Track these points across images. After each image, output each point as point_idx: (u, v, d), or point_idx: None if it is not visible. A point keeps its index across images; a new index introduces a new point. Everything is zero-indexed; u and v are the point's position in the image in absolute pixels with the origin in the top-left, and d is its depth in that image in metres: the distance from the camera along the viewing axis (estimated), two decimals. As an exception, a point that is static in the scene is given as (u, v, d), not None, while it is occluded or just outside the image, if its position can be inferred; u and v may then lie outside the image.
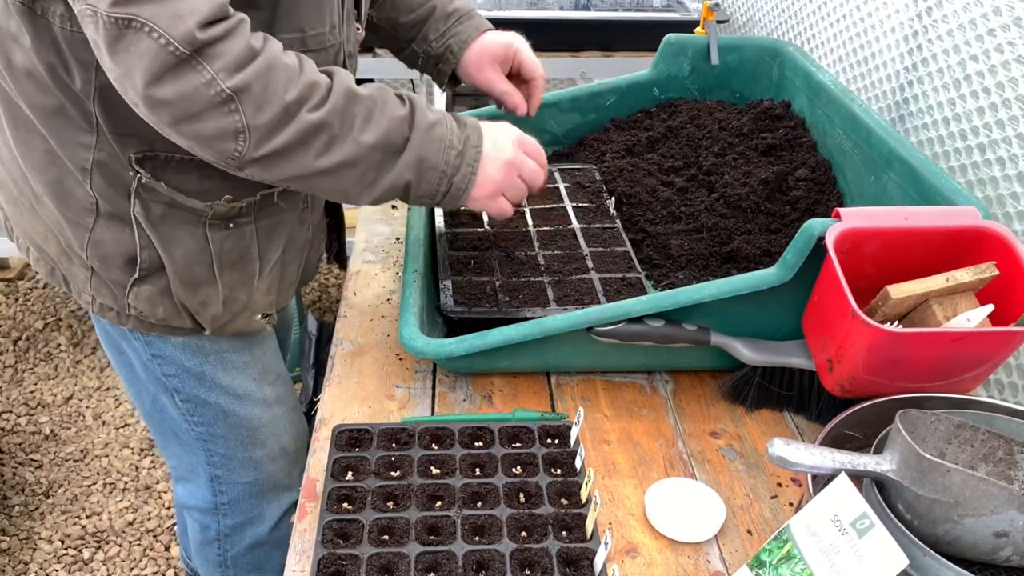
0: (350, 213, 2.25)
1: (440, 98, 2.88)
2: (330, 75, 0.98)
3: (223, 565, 1.43)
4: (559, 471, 1.02)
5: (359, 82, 1.24)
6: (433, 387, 1.20)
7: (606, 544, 0.89)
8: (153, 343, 1.19)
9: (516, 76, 1.35)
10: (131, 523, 2.17)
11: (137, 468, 2.32)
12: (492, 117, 1.31)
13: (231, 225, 1.10)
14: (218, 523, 1.38)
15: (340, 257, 1.45)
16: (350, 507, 0.96)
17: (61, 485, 2.26)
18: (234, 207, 1.08)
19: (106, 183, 1.04)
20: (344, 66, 1.14)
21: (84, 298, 1.16)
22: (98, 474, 2.30)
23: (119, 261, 1.09)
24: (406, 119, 1.01)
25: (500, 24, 1.33)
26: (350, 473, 1.01)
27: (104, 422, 2.46)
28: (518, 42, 1.33)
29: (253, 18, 0.94)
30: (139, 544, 2.12)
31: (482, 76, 1.32)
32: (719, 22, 2.09)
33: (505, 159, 1.08)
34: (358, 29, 1.19)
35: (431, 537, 0.93)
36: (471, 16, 1.32)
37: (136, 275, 1.10)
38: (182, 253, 1.09)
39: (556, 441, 1.06)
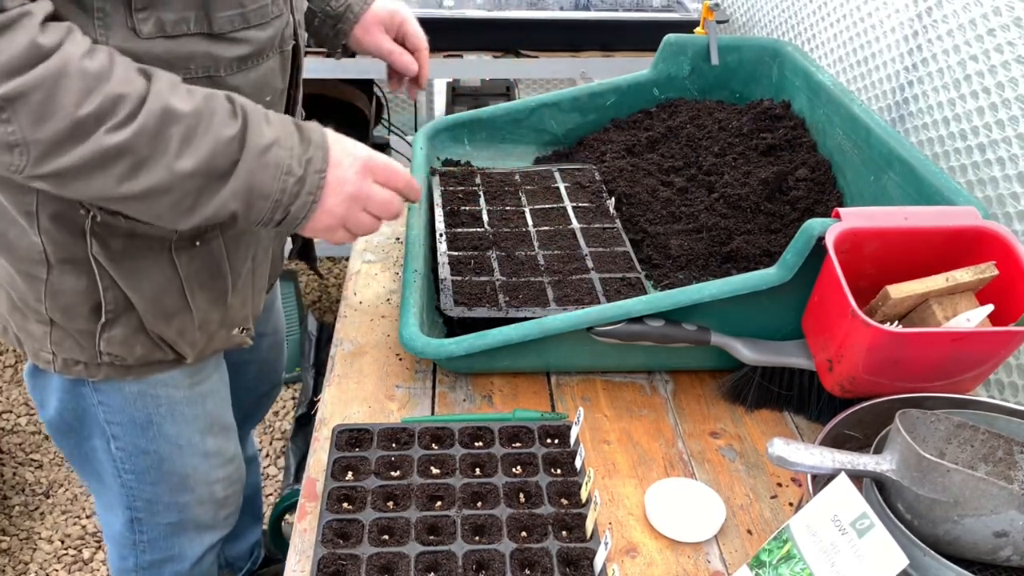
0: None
1: (440, 98, 2.89)
2: (149, 81, 0.85)
3: None
4: (559, 471, 1.02)
5: (307, 82, 1.20)
6: (433, 387, 1.20)
7: (606, 544, 0.89)
8: (102, 390, 1.12)
9: (403, 47, 1.35)
10: (131, 523, 2.17)
11: (137, 468, 2.32)
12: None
13: (197, 243, 1.04)
14: (136, 557, 1.31)
15: (305, 253, 1.38)
16: (350, 507, 0.96)
17: (61, 485, 2.26)
18: (200, 224, 0.98)
19: (55, 226, 0.97)
20: (295, 37, 1.07)
21: (43, 357, 1.07)
22: (98, 474, 2.30)
23: (83, 309, 1.02)
24: (236, 139, 0.88)
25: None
26: (350, 473, 1.01)
27: (104, 422, 2.46)
28: (404, 11, 1.33)
29: None
30: (139, 544, 2.12)
31: (369, 38, 1.32)
32: (719, 22, 2.09)
33: (349, 192, 0.96)
34: None
35: (431, 537, 0.93)
36: None
37: (104, 319, 1.03)
38: (149, 285, 1.03)
39: (556, 441, 1.06)
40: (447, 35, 2.22)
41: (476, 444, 1.05)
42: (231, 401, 1.51)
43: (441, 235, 1.35)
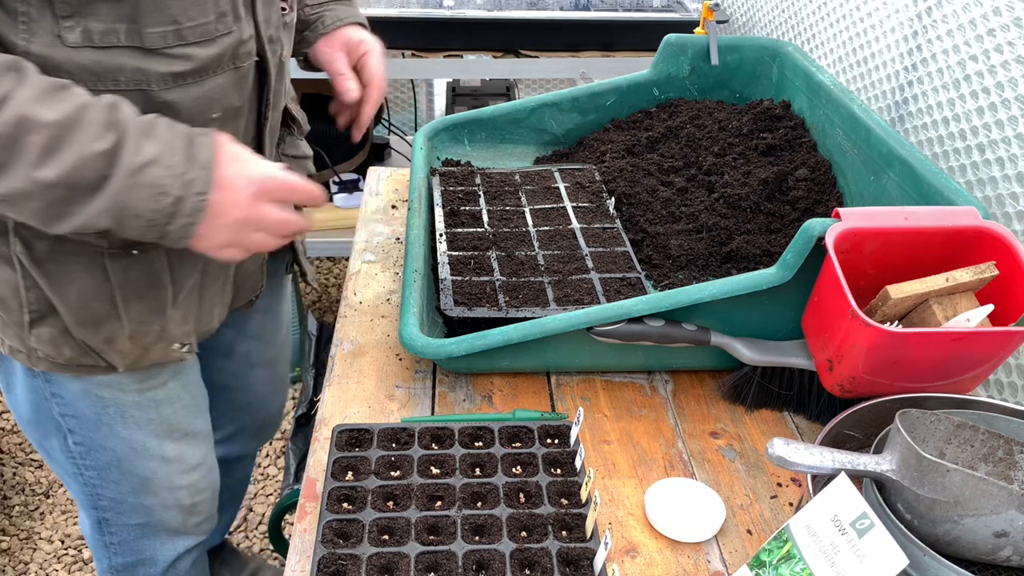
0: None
1: (440, 98, 2.89)
2: (16, 86, 0.82)
3: None
4: (559, 471, 1.02)
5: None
6: (433, 387, 1.20)
7: (606, 544, 0.89)
8: (53, 381, 1.11)
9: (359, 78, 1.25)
10: (131, 523, 2.17)
11: (137, 468, 2.32)
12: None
13: (134, 252, 1.00)
14: (109, 559, 1.32)
15: (300, 267, 1.35)
16: (350, 507, 0.96)
17: (61, 485, 2.26)
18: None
19: None
20: (263, 55, 1.04)
21: None
22: (98, 474, 2.30)
23: (14, 303, 1.02)
24: (106, 155, 0.83)
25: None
26: (350, 473, 1.01)
27: (104, 422, 2.46)
28: (372, 44, 1.24)
29: (114, 11, 0.87)
30: (139, 544, 2.12)
31: (325, 52, 1.24)
32: (719, 22, 2.09)
33: (238, 217, 0.91)
34: (283, 10, 1.08)
35: (431, 537, 0.93)
36: (353, 5, 1.28)
37: (28, 317, 1.02)
38: (76, 291, 1.00)
39: (556, 441, 1.06)
40: (447, 35, 2.23)
41: (476, 444, 1.05)
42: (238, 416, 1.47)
43: (441, 235, 1.35)
